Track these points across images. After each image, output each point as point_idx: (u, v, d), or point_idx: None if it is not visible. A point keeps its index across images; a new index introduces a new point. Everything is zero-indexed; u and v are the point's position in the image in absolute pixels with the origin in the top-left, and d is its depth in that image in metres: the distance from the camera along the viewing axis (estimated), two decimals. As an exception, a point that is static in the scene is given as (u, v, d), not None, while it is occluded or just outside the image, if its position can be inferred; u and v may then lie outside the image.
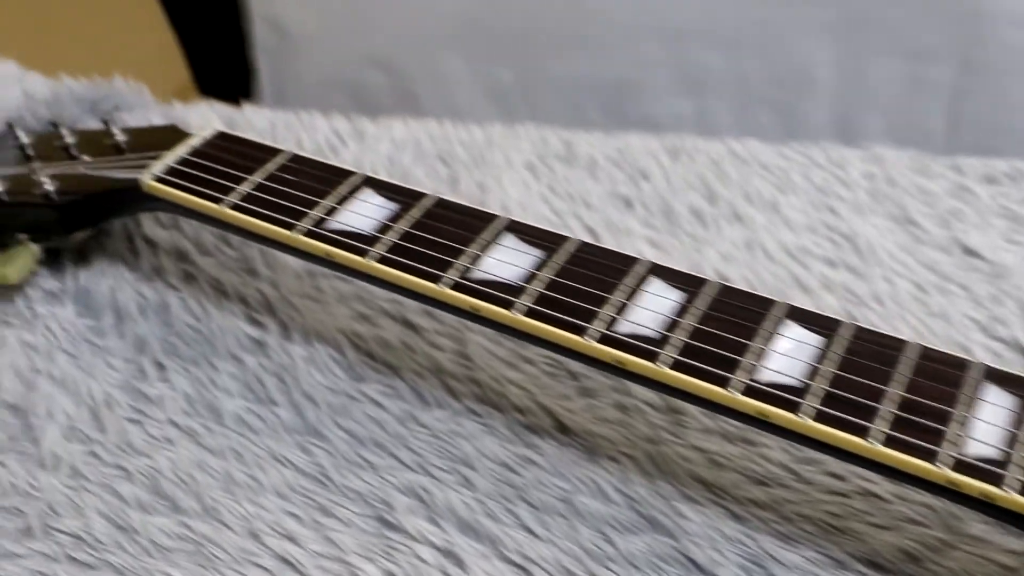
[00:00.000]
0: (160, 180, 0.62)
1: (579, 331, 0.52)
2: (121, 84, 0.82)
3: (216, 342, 0.65)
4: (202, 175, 0.62)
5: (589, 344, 0.51)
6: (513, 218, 0.58)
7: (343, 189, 0.60)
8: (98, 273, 0.69)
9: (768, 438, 0.58)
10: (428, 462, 0.58)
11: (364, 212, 0.59)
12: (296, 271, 0.69)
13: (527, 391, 0.62)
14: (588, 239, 0.70)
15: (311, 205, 0.59)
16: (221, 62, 1.69)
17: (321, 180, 0.61)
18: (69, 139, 0.70)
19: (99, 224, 0.68)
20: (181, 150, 0.64)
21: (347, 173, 0.61)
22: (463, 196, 0.74)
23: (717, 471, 0.57)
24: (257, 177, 0.61)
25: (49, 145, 0.71)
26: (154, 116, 0.81)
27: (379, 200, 0.60)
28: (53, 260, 0.70)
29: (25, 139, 0.72)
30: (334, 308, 0.67)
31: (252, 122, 0.81)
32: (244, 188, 0.61)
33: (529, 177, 0.76)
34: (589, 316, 0.52)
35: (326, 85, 1.73)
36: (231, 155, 0.63)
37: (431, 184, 0.76)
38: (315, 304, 0.67)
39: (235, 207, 0.60)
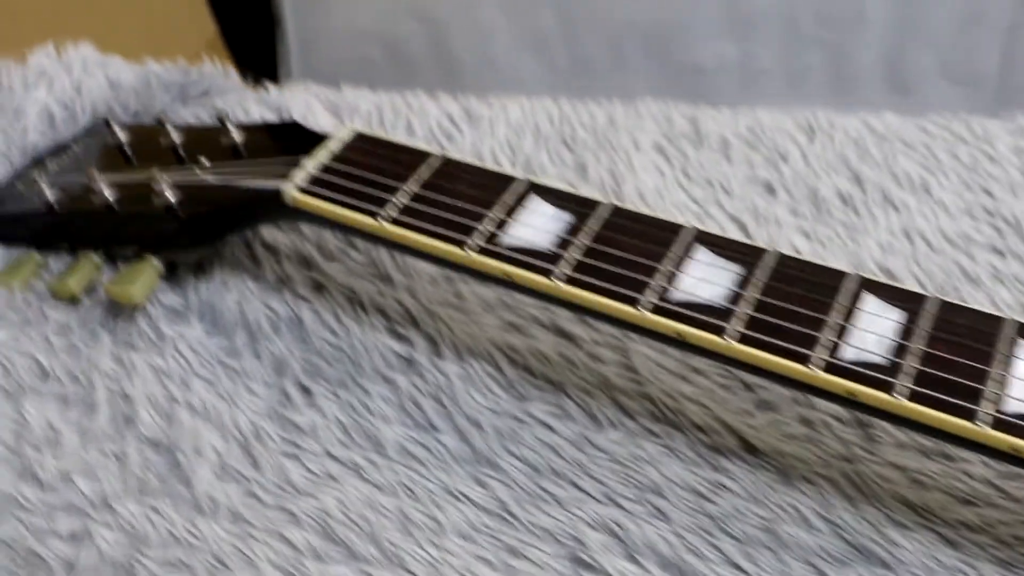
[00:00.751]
0: (305, 191, 0.57)
1: (802, 359, 0.48)
2: (210, 68, 0.76)
3: (361, 360, 0.60)
4: (349, 184, 0.57)
5: (815, 374, 0.47)
6: (698, 227, 0.54)
7: (508, 198, 0.55)
8: (220, 285, 0.64)
9: (967, 453, 0.54)
10: (614, 492, 0.54)
11: (537, 224, 0.54)
12: (431, 275, 0.65)
13: (704, 407, 0.58)
14: (734, 229, 0.66)
15: (478, 218, 0.54)
16: (246, 13, 1.61)
17: (482, 187, 0.56)
18: (176, 137, 0.65)
19: (226, 237, 0.63)
20: (322, 155, 0.59)
21: (508, 179, 0.56)
22: (595, 184, 0.69)
23: (921, 491, 0.54)
24: (412, 186, 0.56)
25: (151, 144, 0.66)
26: (249, 102, 0.75)
27: (550, 210, 0.55)
28: (169, 272, 0.64)
29: (122, 136, 0.66)
30: (481, 317, 0.62)
31: (356, 105, 0.75)
32: (400, 199, 0.56)
33: (660, 160, 0.72)
34: (809, 341, 0.48)
35: (358, 35, 1.66)
36: (377, 160, 0.58)
37: (557, 171, 0.71)
38: (459, 314, 0.62)
39: (395, 221, 0.55)
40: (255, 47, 1.64)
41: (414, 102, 0.76)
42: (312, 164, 0.58)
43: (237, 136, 0.63)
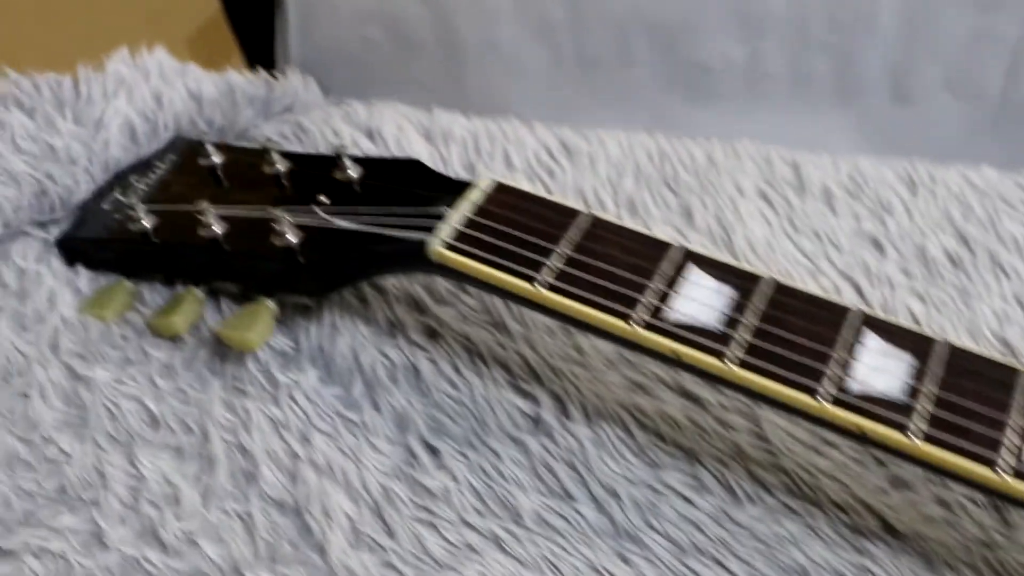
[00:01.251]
0: (452, 247, 0.54)
1: (989, 463, 0.47)
2: (292, 81, 0.73)
3: (486, 418, 0.58)
4: (497, 242, 0.54)
5: (1006, 482, 0.46)
6: (866, 311, 0.52)
7: (666, 268, 0.53)
8: (331, 329, 0.62)
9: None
10: (762, 574, 0.53)
11: (700, 298, 0.52)
12: (548, 326, 0.62)
13: (841, 483, 0.57)
14: (848, 288, 0.65)
15: (639, 288, 0.52)
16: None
17: (637, 253, 0.54)
18: (280, 165, 0.62)
19: (347, 286, 0.60)
20: (464, 207, 0.56)
21: (663, 245, 0.54)
22: (703, 232, 0.68)
23: (1063, 582, 0.54)
24: (564, 248, 0.54)
25: (251, 170, 0.63)
26: (335, 120, 0.72)
27: (711, 283, 0.53)
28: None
29: (216, 158, 0.62)
30: (605, 375, 0.60)
31: (450, 130, 0.73)
32: (554, 263, 0.53)
33: (765, 208, 0.70)
34: (994, 444, 0.47)
35: (360, 16, 1.61)
36: (522, 215, 0.56)
37: (662, 215, 0.70)
38: (582, 370, 0.60)
39: (552, 288, 0.52)
40: (253, 28, 1.58)
41: (508, 130, 0.73)
42: (456, 217, 0.55)
43: (353, 171, 0.60)
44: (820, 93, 1.62)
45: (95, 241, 0.63)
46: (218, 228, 0.59)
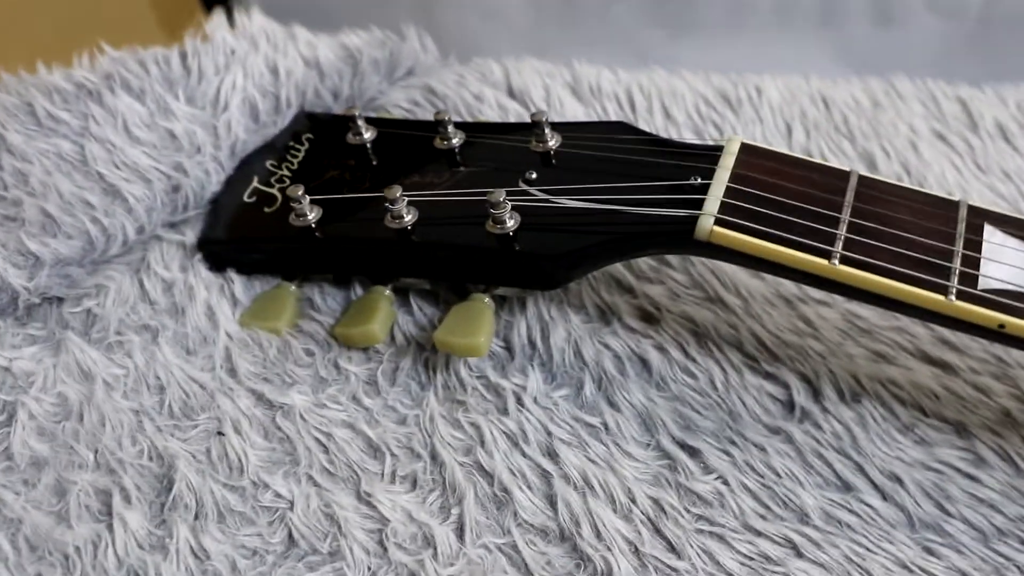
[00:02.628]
0: (724, 223, 0.47)
1: None
2: (413, 37, 0.64)
3: (735, 408, 0.52)
4: (772, 213, 0.48)
5: None
6: None
7: (962, 228, 0.47)
8: (539, 321, 0.54)
9: None
10: (1078, 552, 0.48)
11: (1010, 261, 0.46)
12: (765, 296, 0.56)
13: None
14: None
15: (945, 255, 0.46)
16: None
17: (926, 215, 0.48)
18: (455, 138, 0.54)
19: (582, 276, 0.52)
20: (721, 176, 0.49)
21: (950, 204, 0.49)
22: (891, 177, 0.62)
23: None
24: (845, 214, 0.47)
25: (419, 146, 0.55)
26: (471, 82, 0.64)
27: (1014, 242, 0.47)
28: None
29: (367, 134, 0.54)
30: (844, 347, 0.54)
31: (600, 87, 0.66)
32: (843, 232, 0.47)
33: (947, 150, 0.65)
34: None
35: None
36: (785, 180, 0.49)
37: (840, 162, 0.63)
38: (817, 343, 0.55)
39: (849, 261, 0.46)
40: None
41: (659, 80, 0.66)
42: (717, 188, 0.48)
43: (552, 140, 0.53)
44: (803, 19, 1.57)
45: (245, 241, 0.54)
46: (409, 216, 0.51)
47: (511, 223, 0.49)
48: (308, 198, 0.52)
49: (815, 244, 0.46)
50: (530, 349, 0.53)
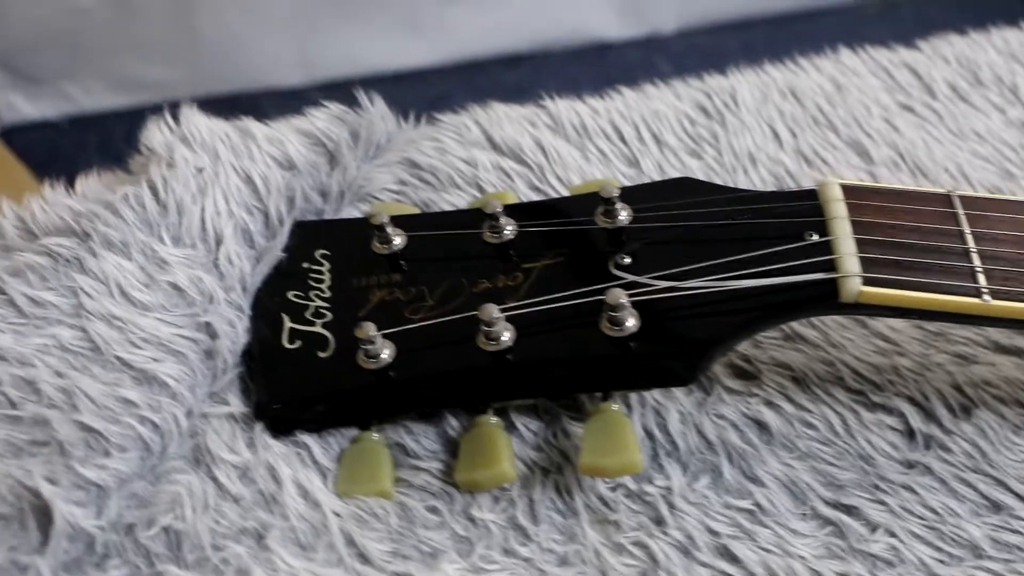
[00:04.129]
0: (871, 282, 0.45)
1: None
2: (364, 101, 0.58)
3: (866, 451, 0.51)
4: (904, 259, 0.46)
5: None
6: None
7: (1075, 235, 0.47)
8: (644, 407, 0.50)
9: None
10: None
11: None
12: (838, 322, 0.55)
13: None
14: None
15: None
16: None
17: (1030, 225, 0.48)
18: (507, 228, 0.50)
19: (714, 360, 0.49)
20: (838, 228, 0.46)
21: (1046, 206, 0.48)
22: (888, 165, 0.62)
23: None
24: (971, 244, 0.46)
25: (457, 243, 0.50)
26: (446, 141, 0.58)
27: (1121, 235, 0.48)
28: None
29: (398, 240, 0.49)
30: (929, 358, 0.54)
31: (579, 120, 0.60)
32: (976, 264, 0.46)
33: (922, 123, 0.65)
34: None
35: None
36: (898, 218, 0.47)
37: (839, 158, 0.63)
38: (904, 359, 0.54)
39: (996, 295, 0.45)
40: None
41: (632, 102, 0.62)
42: (844, 242, 0.46)
43: (622, 213, 0.49)
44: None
45: (311, 399, 0.47)
46: (507, 336, 0.45)
47: (632, 322, 0.45)
48: (380, 335, 0.46)
49: (962, 284, 0.45)
50: (650, 442, 0.49)
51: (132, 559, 0.43)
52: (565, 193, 0.56)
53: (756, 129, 0.62)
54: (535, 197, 0.57)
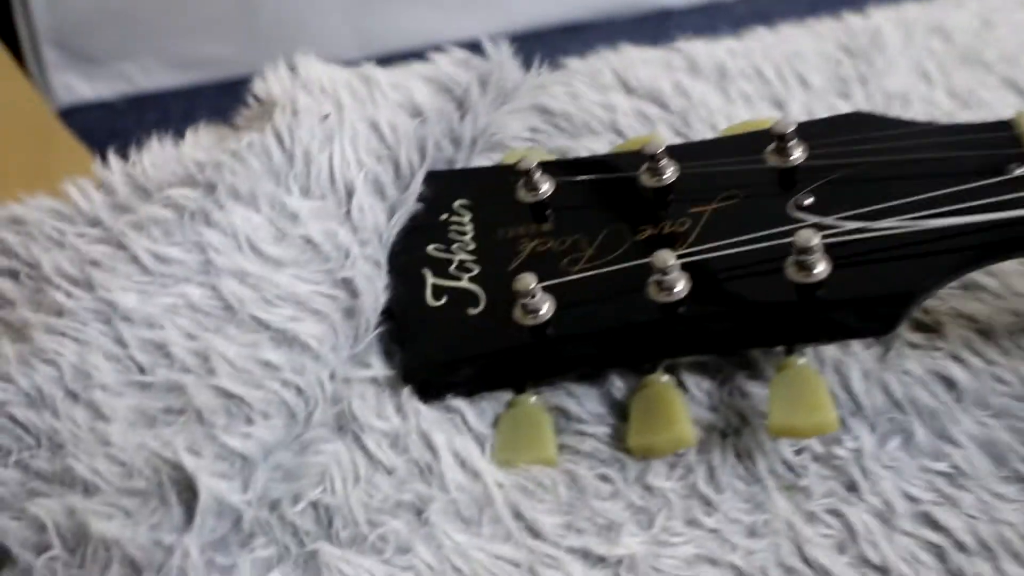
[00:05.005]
0: None
1: None
2: (492, 50, 0.53)
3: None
4: None
5: None
6: None
7: None
8: (821, 364, 0.46)
9: None
10: None
11: None
12: (1005, 267, 0.50)
13: None
14: None
15: None
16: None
17: None
18: (667, 170, 0.45)
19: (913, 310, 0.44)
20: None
21: None
22: None
23: None
24: None
25: (607, 190, 0.46)
26: (577, 84, 0.54)
27: None
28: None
29: (545, 185, 0.45)
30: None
31: (719, 63, 0.56)
32: None
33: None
34: None
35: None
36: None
37: (1006, 100, 0.58)
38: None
39: None
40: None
41: (769, 42, 0.58)
42: (1058, 175, 0.41)
43: (797, 151, 0.44)
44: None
45: (462, 360, 0.43)
46: (680, 286, 0.41)
47: (822, 267, 0.40)
48: (540, 288, 0.41)
49: None
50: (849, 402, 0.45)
51: (279, 537, 0.39)
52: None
53: (905, 69, 0.58)
54: (680, 142, 0.52)
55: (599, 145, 0.52)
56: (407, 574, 0.38)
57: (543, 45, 0.58)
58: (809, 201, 0.43)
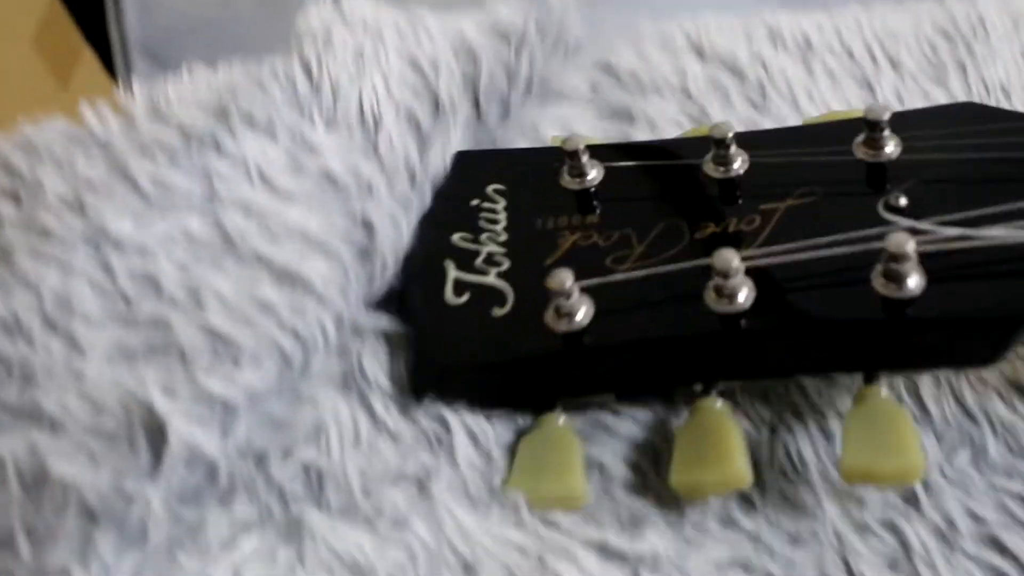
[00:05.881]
0: None
1: None
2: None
3: None
4: None
5: None
6: None
7: None
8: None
9: None
10: None
11: None
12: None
13: None
14: None
15: None
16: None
17: None
18: (738, 162, 0.39)
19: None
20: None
21: None
22: None
23: None
24: None
25: (663, 180, 0.40)
26: (645, 43, 0.49)
27: None
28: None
29: (594, 171, 0.39)
30: None
31: (804, 37, 0.51)
32: None
33: None
34: None
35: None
36: None
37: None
38: None
39: None
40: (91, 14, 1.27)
41: (864, 20, 0.52)
42: None
43: (890, 144, 0.38)
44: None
45: (481, 368, 0.38)
46: (744, 293, 0.35)
47: (916, 280, 0.35)
48: (578, 287, 0.36)
49: None
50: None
51: (263, 497, 0.35)
52: (791, 114, 0.47)
53: (1008, 59, 0.52)
54: (755, 115, 0.47)
55: (667, 106, 0.47)
56: (398, 551, 0.33)
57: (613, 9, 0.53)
58: (902, 202, 0.37)
